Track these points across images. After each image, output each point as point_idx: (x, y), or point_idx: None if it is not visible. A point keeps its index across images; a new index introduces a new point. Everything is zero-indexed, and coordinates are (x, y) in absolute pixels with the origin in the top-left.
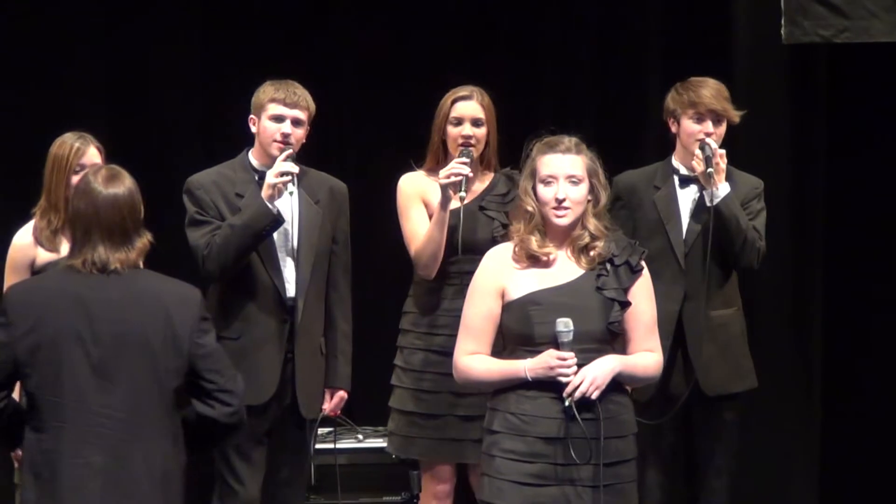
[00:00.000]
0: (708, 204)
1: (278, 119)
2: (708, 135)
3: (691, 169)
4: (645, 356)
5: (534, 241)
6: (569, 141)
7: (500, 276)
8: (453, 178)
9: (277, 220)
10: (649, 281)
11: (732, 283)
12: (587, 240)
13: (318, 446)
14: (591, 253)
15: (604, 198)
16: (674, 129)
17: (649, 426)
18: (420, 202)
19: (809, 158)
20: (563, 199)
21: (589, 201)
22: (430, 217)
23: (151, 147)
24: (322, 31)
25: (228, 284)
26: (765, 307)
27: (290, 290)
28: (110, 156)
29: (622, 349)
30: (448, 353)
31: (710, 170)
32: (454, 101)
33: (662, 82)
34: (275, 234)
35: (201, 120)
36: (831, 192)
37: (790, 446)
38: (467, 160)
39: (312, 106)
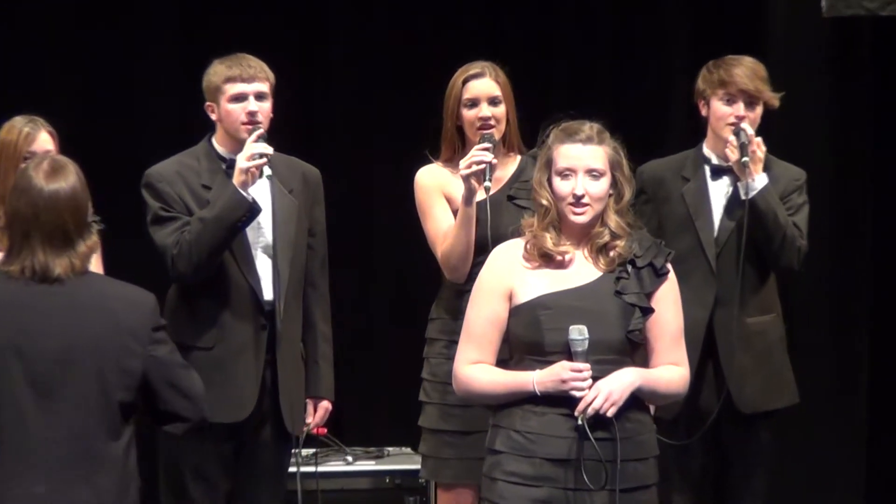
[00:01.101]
0: (742, 197)
1: (240, 98)
2: (739, 118)
3: (724, 158)
4: (669, 370)
5: (548, 239)
6: (590, 129)
7: (507, 277)
8: (475, 168)
9: (253, 209)
10: (676, 286)
11: (770, 286)
12: (607, 238)
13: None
14: (611, 253)
15: (628, 193)
16: (704, 112)
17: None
18: (441, 197)
19: (853, 145)
20: (583, 195)
21: (610, 195)
22: (455, 213)
23: (126, 139)
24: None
25: (198, 288)
26: (804, 313)
27: (268, 292)
28: (81, 149)
29: (643, 362)
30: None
31: (745, 159)
32: (466, 81)
33: (690, 60)
34: (247, 230)
35: (180, 111)
36: (878, 182)
37: (832, 467)
38: (489, 145)
39: (271, 74)
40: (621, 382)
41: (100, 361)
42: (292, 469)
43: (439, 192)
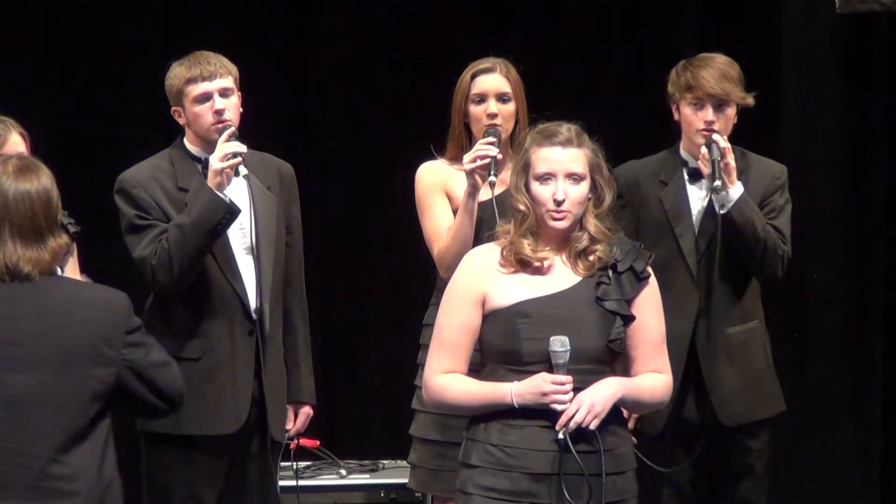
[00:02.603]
0: (718, 211)
1: (204, 98)
2: (709, 123)
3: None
4: (652, 378)
5: (527, 246)
6: (568, 130)
7: (481, 282)
8: (480, 163)
9: (232, 211)
10: (657, 291)
11: (752, 292)
12: (586, 243)
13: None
14: (590, 258)
15: (608, 196)
16: (676, 116)
17: (662, 459)
18: (442, 195)
19: (867, 146)
20: (563, 200)
21: (589, 199)
22: (455, 211)
23: (104, 141)
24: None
25: (180, 295)
26: (816, 322)
27: (252, 295)
28: (57, 150)
29: (623, 369)
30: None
31: (717, 183)
32: (474, 76)
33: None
34: (228, 232)
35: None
36: (893, 185)
37: (844, 481)
38: (494, 140)
39: (234, 68)
40: (603, 394)
41: (73, 370)
42: (290, 483)
43: (440, 189)
